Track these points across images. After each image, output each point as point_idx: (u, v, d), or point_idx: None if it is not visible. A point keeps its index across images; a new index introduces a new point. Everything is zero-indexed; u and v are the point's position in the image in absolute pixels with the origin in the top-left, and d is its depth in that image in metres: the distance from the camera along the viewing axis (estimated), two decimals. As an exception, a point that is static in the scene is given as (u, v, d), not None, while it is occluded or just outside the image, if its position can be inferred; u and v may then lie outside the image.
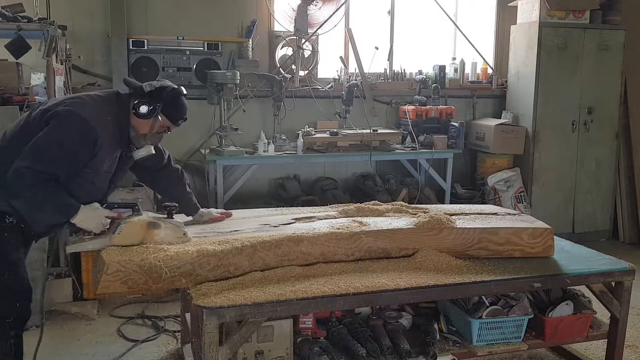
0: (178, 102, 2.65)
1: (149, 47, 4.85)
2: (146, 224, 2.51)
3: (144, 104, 2.55)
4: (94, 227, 2.48)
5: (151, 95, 2.58)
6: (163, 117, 2.63)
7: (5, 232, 2.45)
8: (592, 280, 2.94)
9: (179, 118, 2.70)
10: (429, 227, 2.89)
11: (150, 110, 2.56)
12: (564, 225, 5.66)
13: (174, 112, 2.65)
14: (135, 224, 2.50)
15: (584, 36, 5.52)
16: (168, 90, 2.61)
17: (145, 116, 2.57)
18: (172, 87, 2.64)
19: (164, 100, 2.59)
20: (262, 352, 2.65)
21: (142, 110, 2.55)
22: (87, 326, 3.76)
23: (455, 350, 2.85)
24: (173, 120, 2.68)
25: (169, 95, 2.61)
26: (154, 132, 2.65)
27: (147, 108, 2.55)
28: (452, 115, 5.46)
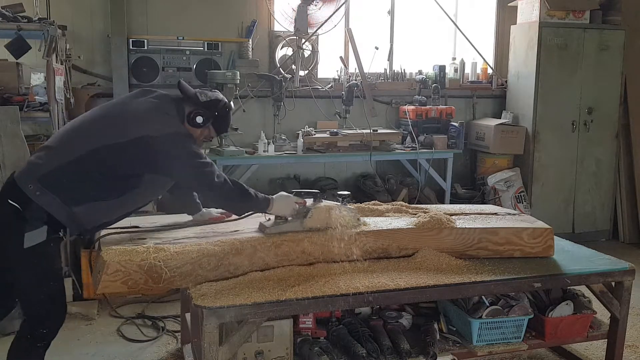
0: (227, 116, 2.74)
1: (149, 47, 4.85)
2: (331, 209, 2.76)
3: (200, 115, 2.60)
4: (288, 213, 2.74)
5: (206, 107, 2.62)
6: (210, 128, 2.69)
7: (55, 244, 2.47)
8: (592, 280, 2.94)
9: (224, 131, 2.84)
10: (429, 227, 2.89)
11: (205, 121, 2.62)
12: (564, 225, 5.66)
13: (222, 125, 2.74)
14: (323, 209, 2.76)
15: (584, 36, 5.52)
16: (222, 104, 2.68)
17: (199, 126, 2.62)
18: (225, 102, 2.71)
19: (217, 113, 2.65)
20: (262, 352, 2.65)
21: (198, 120, 2.60)
22: (87, 326, 3.76)
23: (455, 350, 2.85)
24: (219, 132, 2.78)
25: (222, 109, 2.68)
26: (199, 140, 2.70)
27: (202, 119, 2.61)
28: (452, 115, 5.46)
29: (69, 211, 2.39)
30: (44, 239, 2.37)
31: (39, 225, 2.36)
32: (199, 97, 2.62)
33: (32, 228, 2.35)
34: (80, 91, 4.67)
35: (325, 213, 2.75)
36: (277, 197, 2.73)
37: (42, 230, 2.37)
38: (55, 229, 2.43)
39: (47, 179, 2.37)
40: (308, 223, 2.73)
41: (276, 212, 2.72)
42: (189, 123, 2.61)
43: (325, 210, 2.76)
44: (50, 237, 2.40)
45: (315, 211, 2.74)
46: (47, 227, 2.38)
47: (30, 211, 2.35)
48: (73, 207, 2.39)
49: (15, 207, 2.35)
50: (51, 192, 2.36)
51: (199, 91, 2.66)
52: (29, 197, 2.35)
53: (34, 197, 2.35)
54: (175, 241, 2.61)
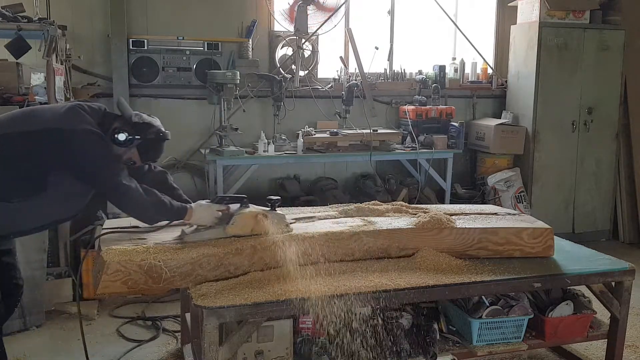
0: (158, 145, 2.62)
1: (149, 47, 4.85)
2: (256, 215, 2.66)
3: (124, 132, 2.50)
4: (209, 222, 2.64)
5: (134, 127, 2.53)
6: (135, 151, 2.58)
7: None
8: (592, 280, 2.94)
9: (151, 159, 2.69)
10: (429, 227, 2.89)
11: (127, 141, 2.51)
12: (564, 225, 5.66)
13: (149, 152, 2.62)
14: (247, 216, 2.66)
15: (584, 36, 5.52)
16: (153, 130, 2.58)
17: (120, 144, 2.51)
18: (159, 130, 2.60)
19: (145, 137, 2.55)
20: (262, 352, 2.65)
21: (120, 138, 2.50)
22: (87, 326, 3.76)
23: (455, 350, 2.85)
24: (144, 159, 2.64)
25: (152, 135, 2.57)
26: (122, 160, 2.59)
27: (125, 137, 2.50)
28: (452, 115, 5.46)
29: None
30: None
31: None
32: (133, 117, 2.55)
33: None
34: (80, 91, 4.67)
35: (249, 219, 2.65)
36: (197, 205, 2.64)
37: None
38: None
39: None
40: (230, 230, 2.62)
41: (196, 221, 2.64)
42: (111, 139, 2.50)
43: (250, 216, 2.66)
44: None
45: (239, 217, 2.64)
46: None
47: None
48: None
49: None
50: None
51: (137, 113, 2.58)
52: None
53: None
54: (175, 241, 2.61)
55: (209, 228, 2.65)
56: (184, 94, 5.06)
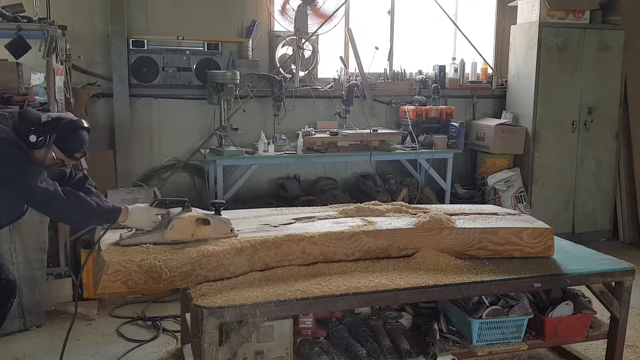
0: (74, 134, 2.54)
1: (149, 47, 4.85)
2: (196, 220, 2.60)
3: (34, 133, 2.43)
4: (147, 225, 2.56)
5: (43, 125, 2.47)
6: (56, 149, 2.51)
7: None
8: (592, 280, 2.94)
9: (74, 151, 2.57)
10: (429, 227, 2.89)
11: (40, 141, 2.44)
12: (564, 225, 5.66)
13: (68, 144, 2.53)
14: (186, 220, 2.59)
15: (584, 36, 5.52)
16: (64, 122, 2.51)
17: (34, 146, 2.44)
18: (71, 119, 2.54)
19: (58, 131, 2.48)
20: (262, 352, 2.65)
21: (31, 140, 2.43)
22: (87, 326, 3.76)
23: (455, 350, 2.85)
24: (67, 153, 2.55)
25: (64, 126, 2.50)
26: (49, 165, 2.53)
27: (36, 138, 2.43)
28: (452, 115, 5.46)
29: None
30: None
31: None
32: (42, 118, 2.49)
33: None
34: (80, 91, 4.66)
35: (189, 224, 2.58)
36: (134, 208, 2.56)
37: None
38: None
39: None
40: (168, 234, 2.55)
41: (132, 224, 2.55)
42: (27, 144, 2.43)
43: (190, 220, 2.59)
44: None
45: (178, 222, 2.57)
46: None
47: None
48: None
49: None
50: None
51: (46, 114, 2.53)
52: None
53: None
54: (175, 241, 2.61)
55: (147, 232, 2.57)
56: (184, 94, 5.06)
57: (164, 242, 2.54)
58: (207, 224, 2.62)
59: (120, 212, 2.51)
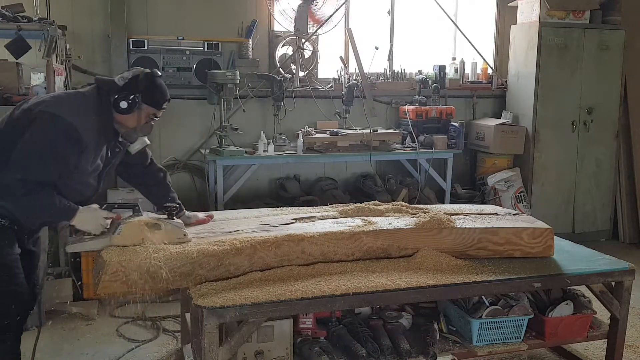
0: (155, 86, 2.55)
1: (149, 47, 4.85)
2: (146, 225, 2.49)
3: (122, 100, 2.46)
4: (93, 228, 2.46)
5: (126, 88, 2.48)
6: (145, 106, 2.53)
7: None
8: (592, 280, 2.94)
9: (162, 102, 2.59)
10: (429, 227, 2.89)
11: (131, 104, 2.48)
12: (564, 225, 5.66)
13: (154, 97, 2.55)
14: (134, 225, 2.48)
15: (584, 36, 5.52)
16: (141, 78, 2.51)
17: (127, 111, 2.48)
18: (145, 73, 2.54)
19: (141, 89, 2.50)
20: (262, 352, 2.65)
21: (123, 106, 2.47)
22: (87, 326, 3.76)
23: (455, 350, 2.85)
24: (157, 106, 2.57)
25: (144, 82, 2.51)
26: (142, 124, 2.58)
27: (126, 103, 2.46)
28: (452, 115, 5.46)
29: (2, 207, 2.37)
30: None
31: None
32: (118, 82, 2.49)
33: None
34: (80, 91, 4.66)
35: (138, 229, 2.47)
36: (82, 209, 2.45)
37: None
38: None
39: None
40: (116, 240, 2.44)
41: (79, 226, 2.45)
42: (118, 112, 2.48)
43: (138, 225, 2.48)
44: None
45: (126, 227, 2.46)
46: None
47: None
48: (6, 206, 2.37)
49: None
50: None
51: (118, 77, 2.53)
52: None
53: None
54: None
55: (94, 237, 2.47)
56: (184, 94, 5.05)
57: (110, 246, 2.43)
58: (157, 228, 2.51)
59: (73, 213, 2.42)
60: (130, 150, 2.70)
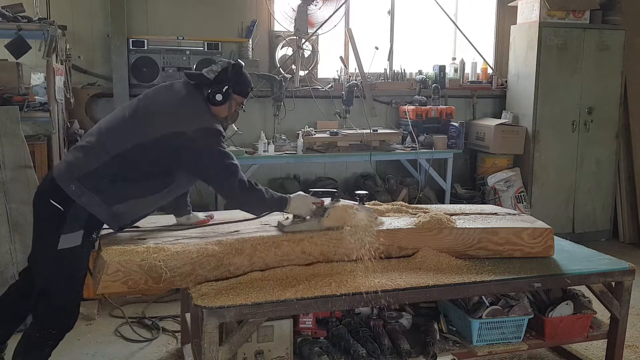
0: (243, 76, 2.71)
1: (149, 47, 4.85)
2: (348, 208, 2.77)
3: (217, 92, 2.61)
4: (305, 212, 2.74)
5: (218, 81, 2.62)
6: (236, 96, 2.69)
7: (87, 249, 2.48)
8: (592, 280, 2.94)
9: (249, 90, 2.78)
10: (429, 227, 2.89)
11: (225, 96, 2.63)
12: (564, 225, 5.66)
13: (242, 87, 2.71)
14: (340, 208, 2.76)
15: (584, 36, 5.52)
16: (231, 69, 2.66)
17: (222, 102, 2.63)
18: (232, 64, 2.68)
19: (231, 81, 2.64)
20: (262, 352, 2.65)
21: (218, 99, 2.62)
22: (87, 326, 3.76)
23: (455, 350, 2.85)
24: (245, 95, 2.75)
25: (234, 74, 2.66)
26: (233, 112, 2.75)
27: (221, 95, 2.62)
28: (452, 115, 5.46)
29: (108, 210, 2.44)
30: (78, 243, 2.41)
31: (76, 228, 2.40)
32: (207, 75, 2.63)
33: (69, 230, 2.39)
34: (80, 91, 4.67)
35: (342, 212, 2.76)
36: (295, 196, 2.74)
37: (79, 235, 2.41)
38: (91, 232, 2.46)
39: (88, 180, 2.41)
40: (326, 222, 2.73)
41: (293, 211, 2.73)
42: (213, 104, 2.63)
43: (343, 209, 2.76)
44: (85, 242, 2.44)
45: (333, 211, 2.75)
46: (83, 232, 2.41)
47: (70, 213, 2.39)
48: (113, 206, 2.44)
49: (56, 207, 2.38)
50: (92, 192, 2.40)
51: (204, 70, 2.66)
52: (71, 198, 2.38)
53: (76, 197, 2.39)
54: (175, 241, 2.61)
55: (304, 220, 2.75)
56: (184, 94, 5.04)
57: (320, 229, 2.72)
58: (357, 211, 2.78)
59: (287, 201, 2.69)
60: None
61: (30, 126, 3.74)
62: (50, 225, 2.41)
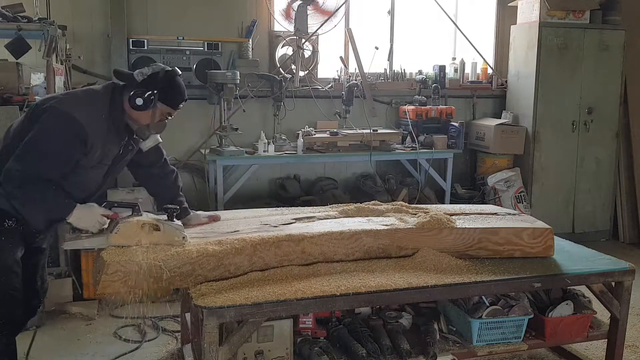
0: (174, 85, 2.52)
1: (149, 47, 4.85)
2: (143, 225, 2.46)
3: (139, 96, 2.43)
4: (90, 225, 2.43)
5: (144, 85, 2.45)
6: (161, 104, 2.51)
7: (2, 237, 2.41)
8: (592, 280, 2.94)
9: (179, 102, 2.56)
10: (429, 227, 2.89)
11: (146, 101, 2.44)
12: (564, 225, 5.66)
13: (171, 97, 2.52)
14: (132, 224, 2.45)
15: (584, 36, 5.52)
16: (161, 75, 2.48)
17: (143, 108, 2.45)
18: (165, 70, 2.50)
19: (159, 87, 2.47)
20: (262, 352, 2.65)
21: (138, 103, 2.43)
22: (87, 326, 3.76)
23: (455, 350, 2.85)
24: (173, 106, 2.55)
25: (163, 81, 2.48)
26: (156, 122, 2.55)
27: (142, 100, 2.43)
28: (452, 115, 5.46)
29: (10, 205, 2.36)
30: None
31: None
32: (136, 77, 2.46)
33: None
34: (80, 91, 4.66)
35: (135, 229, 2.44)
36: (80, 207, 2.40)
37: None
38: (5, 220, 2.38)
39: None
40: (113, 239, 2.41)
41: (75, 223, 2.41)
42: (133, 107, 2.45)
43: (137, 225, 2.45)
44: None
45: (124, 226, 2.43)
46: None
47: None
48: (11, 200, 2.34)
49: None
50: None
51: (137, 71, 2.49)
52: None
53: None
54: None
55: (91, 235, 2.45)
56: (184, 94, 5.05)
57: (106, 246, 2.42)
58: (156, 229, 2.47)
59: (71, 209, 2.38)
60: (142, 147, 2.68)
61: (30, 126, 3.73)
62: None
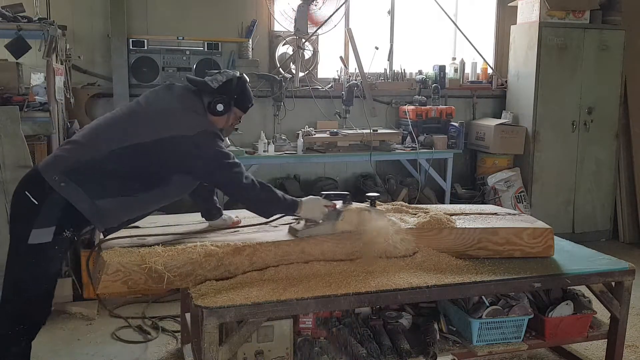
0: (245, 90, 2.68)
1: (149, 47, 4.85)
2: (362, 211, 2.77)
3: (219, 102, 2.58)
4: (318, 216, 2.70)
5: (221, 92, 2.59)
6: (235, 109, 2.67)
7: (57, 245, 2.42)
8: (592, 280, 2.94)
9: (249, 106, 2.75)
10: (429, 227, 2.89)
11: (226, 107, 2.59)
12: (564, 225, 5.66)
13: (244, 102, 2.69)
14: (353, 211, 2.76)
15: (584, 36, 5.52)
16: (235, 82, 2.63)
17: (222, 113, 2.60)
18: (237, 78, 2.65)
19: (234, 93, 2.62)
20: (262, 352, 2.65)
21: (219, 109, 2.58)
22: (87, 326, 3.76)
23: (455, 350, 2.85)
24: (244, 110, 2.72)
25: (238, 87, 2.64)
26: (229, 126, 2.72)
27: (222, 105, 2.58)
28: (452, 115, 5.46)
29: (91, 204, 2.39)
30: (49, 239, 2.36)
31: (48, 224, 2.35)
32: (211, 84, 2.60)
33: (40, 225, 2.34)
34: (80, 91, 4.67)
35: (356, 215, 2.74)
36: (306, 200, 2.69)
37: (50, 231, 2.36)
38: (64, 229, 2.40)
39: (74, 172, 2.37)
40: (340, 225, 2.72)
41: (305, 215, 2.69)
42: (212, 113, 2.59)
43: (356, 212, 2.75)
44: (56, 239, 2.38)
45: (347, 213, 2.74)
46: (55, 228, 2.37)
47: (44, 207, 2.35)
48: (97, 200, 2.39)
49: (30, 200, 2.35)
50: (76, 184, 2.36)
51: (208, 78, 2.62)
52: (48, 192, 2.35)
53: (58, 187, 2.34)
54: (175, 241, 2.61)
55: (318, 224, 2.71)
56: (184, 94, 5.05)
57: (334, 232, 2.70)
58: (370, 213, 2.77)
59: (298, 205, 2.65)
60: None
61: (30, 126, 3.74)
62: (23, 218, 2.38)
